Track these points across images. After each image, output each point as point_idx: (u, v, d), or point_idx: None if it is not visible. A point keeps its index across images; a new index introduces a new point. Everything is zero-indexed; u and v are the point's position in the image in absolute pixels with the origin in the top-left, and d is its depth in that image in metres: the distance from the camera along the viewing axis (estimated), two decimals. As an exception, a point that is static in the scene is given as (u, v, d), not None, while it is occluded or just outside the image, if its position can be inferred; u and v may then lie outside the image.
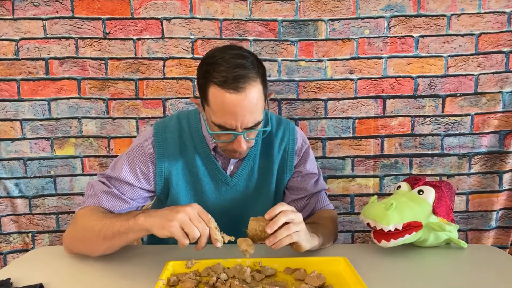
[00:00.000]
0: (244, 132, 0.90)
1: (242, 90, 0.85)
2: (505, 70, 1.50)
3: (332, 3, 1.49)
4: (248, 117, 0.88)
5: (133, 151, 1.03)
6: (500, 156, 1.54)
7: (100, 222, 0.90)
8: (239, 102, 0.86)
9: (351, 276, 0.80)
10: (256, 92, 0.88)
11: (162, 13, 1.49)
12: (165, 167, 1.03)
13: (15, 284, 0.83)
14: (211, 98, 0.88)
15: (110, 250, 0.92)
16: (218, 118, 0.89)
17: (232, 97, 0.85)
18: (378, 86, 1.53)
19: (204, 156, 1.05)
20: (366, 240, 1.62)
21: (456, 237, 1.01)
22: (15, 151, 1.54)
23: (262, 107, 0.92)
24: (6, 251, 1.58)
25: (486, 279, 0.85)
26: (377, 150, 1.56)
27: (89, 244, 0.93)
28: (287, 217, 0.83)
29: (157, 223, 0.81)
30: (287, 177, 1.11)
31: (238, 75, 0.85)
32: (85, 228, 0.93)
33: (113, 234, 0.87)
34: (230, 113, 0.87)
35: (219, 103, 0.87)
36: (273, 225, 0.82)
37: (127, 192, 1.00)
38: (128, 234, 0.86)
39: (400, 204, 0.96)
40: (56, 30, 1.49)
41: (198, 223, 0.80)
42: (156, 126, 1.06)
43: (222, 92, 0.86)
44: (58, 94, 1.52)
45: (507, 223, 1.57)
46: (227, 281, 0.81)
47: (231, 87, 0.85)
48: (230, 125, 0.88)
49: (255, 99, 0.88)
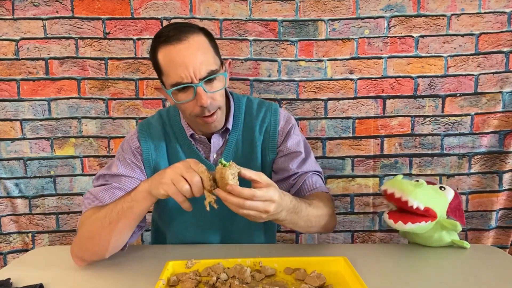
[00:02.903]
0: (201, 83, 0.91)
1: (184, 39, 0.92)
2: (505, 70, 1.50)
3: (332, 3, 1.49)
4: (198, 64, 0.91)
5: (121, 150, 1.07)
6: (500, 156, 1.54)
7: (103, 209, 0.90)
8: (184, 50, 0.91)
9: (351, 276, 0.80)
10: (200, 41, 0.94)
11: (162, 13, 1.49)
12: (152, 158, 1.06)
13: (15, 284, 0.83)
14: (161, 62, 0.94)
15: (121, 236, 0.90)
16: (172, 76, 0.92)
17: (177, 47, 0.91)
18: (378, 86, 1.53)
19: (186, 146, 1.07)
20: (366, 240, 1.62)
21: (457, 238, 1.02)
22: (15, 151, 1.54)
23: (213, 58, 0.95)
24: (6, 251, 1.58)
25: (486, 279, 0.85)
26: (377, 150, 1.56)
27: (98, 237, 0.90)
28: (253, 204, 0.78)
29: (154, 183, 0.83)
30: (270, 159, 1.09)
31: (178, 29, 0.94)
32: (90, 224, 0.92)
33: (118, 214, 0.86)
34: (179, 65, 0.91)
35: (167, 60, 0.92)
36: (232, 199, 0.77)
37: (127, 184, 1.00)
38: (133, 207, 0.86)
39: (426, 188, 0.98)
40: (56, 30, 1.49)
41: (186, 173, 0.79)
42: (140, 124, 1.12)
43: (167, 48, 0.92)
44: (58, 94, 1.52)
45: (507, 223, 1.57)
46: (227, 281, 0.82)
47: (173, 39, 0.91)
48: (185, 78, 0.91)
49: (201, 46, 0.93)
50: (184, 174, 0.79)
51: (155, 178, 0.84)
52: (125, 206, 0.86)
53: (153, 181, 0.84)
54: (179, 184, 0.78)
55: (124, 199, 0.87)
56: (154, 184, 0.83)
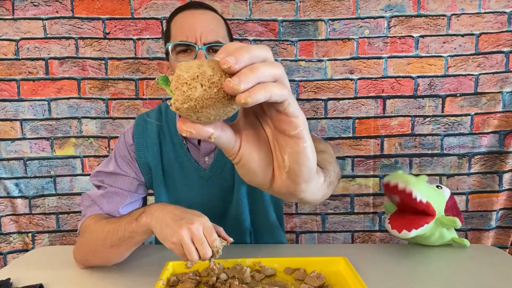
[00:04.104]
0: (204, 47, 0.88)
1: (201, 9, 0.93)
2: (505, 70, 1.50)
3: (332, 3, 1.49)
4: (207, 30, 0.89)
5: (118, 144, 1.06)
6: (500, 156, 1.54)
7: (104, 230, 0.88)
8: (198, 15, 0.91)
9: (351, 276, 0.80)
10: (217, 17, 0.94)
11: (162, 13, 1.49)
12: (145, 156, 1.02)
13: (15, 284, 0.83)
14: (173, 26, 0.93)
15: (122, 256, 0.89)
16: (179, 36, 0.90)
17: (192, 11, 0.92)
18: (378, 86, 1.53)
19: (178, 146, 1.03)
20: (366, 240, 1.62)
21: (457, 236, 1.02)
22: (15, 151, 1.54)
23: (224, 35, 0.94)
24: (6, 251, 1.58)
25: (486, 279, 0.85)
26: (377, 150, 1.56)
27: (100, 254, 0.90)
28: (250, 54, 0.36)
29: (159, 232, 0.76)
30: None
31: (200, 3, 0.95)
32: (92, 239, 0.90)
33: (119, 241, 0.84)
34: (188, 26, 0.89)
35: (179, 23, 0.91)
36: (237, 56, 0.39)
37: (123, 185, 0.99)
38: (134, 237, 0.83)
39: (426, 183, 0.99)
40: (56, 30, 1.49)
41: (200, 245, 0.72)
42: (138, 117, 1.08)
43: (184, 12, 0.92)
44: (58, 94, 1.52)
45: (507, 223, 1.57)
46: (227, 281, 0.81)
47: (191, 6, 0.93)
48: (189, 38, 0.89)
49: (216, 20, 0.93)
50: (197, 245, 0.72)
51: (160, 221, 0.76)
52: (126, 235, 0.83)
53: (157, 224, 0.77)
54: (189, 253, 0.72)
55: (124, 227, 0.84)
56: (160, 233, 0.76)
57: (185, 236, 0.71)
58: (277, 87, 0.35)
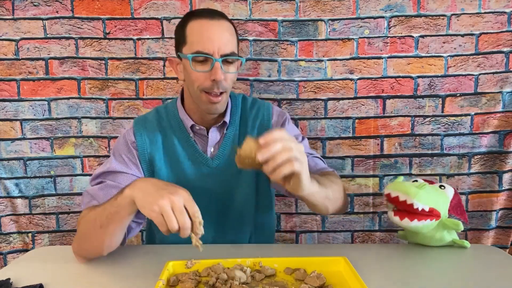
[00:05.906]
0: (221, 59, 0.96)
1: (217, 18, 0.99)
2: (505, 70, 1.50)
3: (332, 3, 1.48)
4: (224, 42, 0.97)
5: (117, 145, 1.09)
6: (500, 156, 1.54)
7: (94, 213, 0.90)
8: (215, 26, 0.97)
9: (351, 276, 0.80)
10: (230, 27, 1.01)
11: (162, 13, 1.49)
12: (147, 152, 1.07)
13: (15, 284, 0.83)
14: (188, 32, 0.98)
15: (113, 238, 0.90)
16: (197, 45, 0.96)
17: (209, 22, 0.97)
18: (378, 86, 1.53)
19: (184, 139, 1.08)
20: (366, 240, 1.62)
21: (457, 238, 1.02)
22: (15, 151, 1.54)
23: (236, 44, 1.02)
24: (6, 251, 1.58)
25: (486, 279, 0.85)
26: (377, 150, 1.56)
27: (92, 239, 0.91)
28: (284, 143, 0.71)
29: (140, 200, 0.79)
30: None
31: (212, 11, 1.02)
32: (84, 225, 0.93)
33: (107, 218, 0.85)
34: (207, 37, 0.96)
35: (197, 31, 0.97)
36: (269, 148, 0.70)
37: (122, 181, 1.01)
38: (119, 212, 0.84)
39: (428, 188, 0.99)
40: (56, 30, 1.49)
41: (180, 215, 0.74)
42: (136, 119, 1.14)
43: (200, 21, 0.98)
44: (58, 94, 1.52)
45: (507, 223, 1.57)
46: (227, 281, 0.81)
47: (207, 15, 0.99)
48: (208, 50, 0.95)
49: (229, 29, 1.00)
50: (177, 215, 0.74)
51: (143, 191, 0.80)
52: (112, 211, 0.85)
53: (139, 194, 0.80)
54: (169, 222, 0.74)
55: (111, 204, 0.86)
56: (140, 199, 0.79)
57: (165, 205, 0.74)
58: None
